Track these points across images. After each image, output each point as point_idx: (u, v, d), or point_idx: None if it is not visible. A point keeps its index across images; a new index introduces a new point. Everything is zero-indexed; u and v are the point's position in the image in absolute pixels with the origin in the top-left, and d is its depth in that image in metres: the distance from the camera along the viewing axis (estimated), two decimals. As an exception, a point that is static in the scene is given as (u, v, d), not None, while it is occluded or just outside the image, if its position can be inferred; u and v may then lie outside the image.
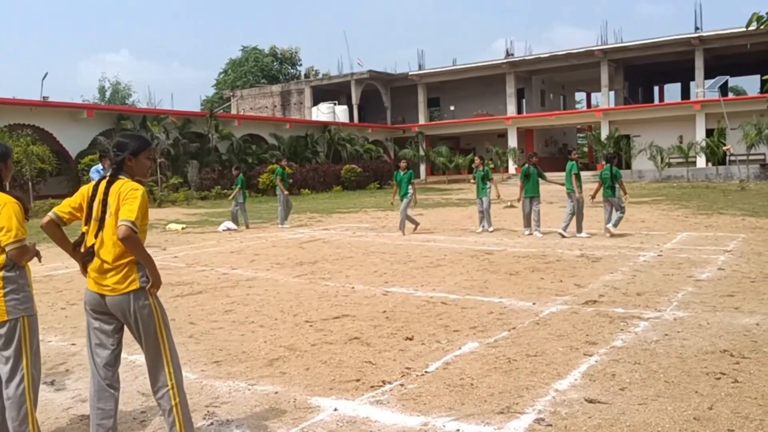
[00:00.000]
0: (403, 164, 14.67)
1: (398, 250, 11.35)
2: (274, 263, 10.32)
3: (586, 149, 45.95)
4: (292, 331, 6.00)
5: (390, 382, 4.46)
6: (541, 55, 42.42)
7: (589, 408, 3.89)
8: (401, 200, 14.25)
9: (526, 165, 13.52)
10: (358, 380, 4.53)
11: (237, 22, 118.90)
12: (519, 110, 45.08)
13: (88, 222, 3.33)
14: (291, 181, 23.77)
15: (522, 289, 7.60)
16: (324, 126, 39.28)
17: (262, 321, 6.42)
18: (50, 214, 3.33)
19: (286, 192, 16.53)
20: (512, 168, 40.87)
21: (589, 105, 55.00)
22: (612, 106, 41.15)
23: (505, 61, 42.95)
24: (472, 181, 15.77)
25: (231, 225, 16.29)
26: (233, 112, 47.31)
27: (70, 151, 26.44)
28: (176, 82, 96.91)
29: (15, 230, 3.28)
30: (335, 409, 4.01)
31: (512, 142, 41.95)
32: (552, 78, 47.53)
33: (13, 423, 3.31)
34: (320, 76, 54.53)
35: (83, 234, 3.35)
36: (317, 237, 14.08)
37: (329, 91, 47.96)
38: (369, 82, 46.28)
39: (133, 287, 3.25)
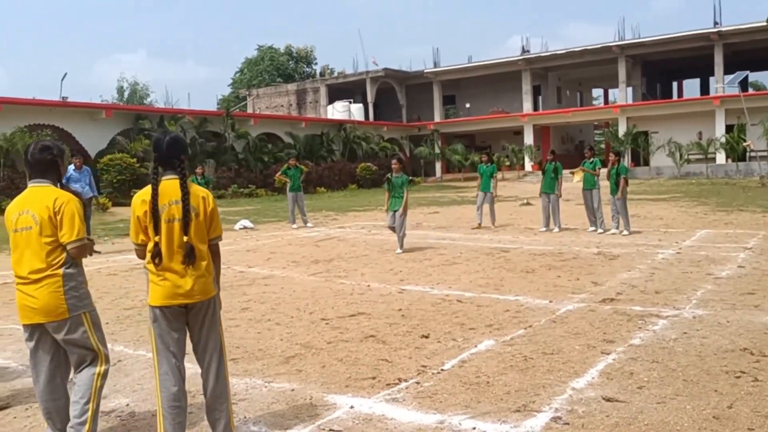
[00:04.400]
0: (484, 158, 14.85)
1: (413, 248, 11.33)
2: (289, 261, 10.36)
3: (603, 146, 45.55)
4: (308, 328, 6.02)
5: (406, 380, 4.46)
6: (558, 52, 42.07)
7: (607, 407, 3.87)
8: (484, 194, 14.34)
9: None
10: (374, 378, 4.54)
11: (252, 22, 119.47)
12: (535, 107, 44.77)
13: (157, 230, 3.30)
14: (304, 178, 23.35)
15: (538, 287, 7.56)
16: (339, 124, 39.30)
17: (278, 319, 6.45)
18: (136, 248, 3.41)
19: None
20: (528, 165, 40.67)
21: (606, 101, 54.47)
22: (630, 102, 40.73)
23: (520, 58, 42.67)
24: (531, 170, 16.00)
25: (247, 223, 16.37)
26: (249, 110, 47.49)
27: (90, 150, 26.66)
28: (193, 81, 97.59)
29: (77, 228, 3.35)
30: (351, 407, 4.02)
31: (528, 139, 41.67)
32: (568, 74, 47.14)
33: (75, 407, 3.34)
34: (335, 74, 54.58)
35: (156, 244, 3.30)
36: (332, 235, 14.11)
37: (344, 89, 47.98)
38: (384, 80, 46.23)
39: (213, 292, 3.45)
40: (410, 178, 12.59)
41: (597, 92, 57.68)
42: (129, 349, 5.47)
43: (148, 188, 3.32)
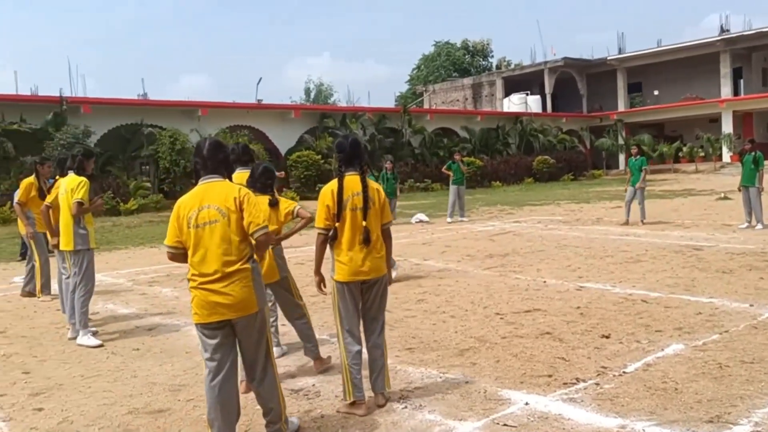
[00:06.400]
0: (634, 150, 14.85)
1: (593, 244, 10.85)
2: (464, 255, 10.42)
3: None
4: (483, 322, 6.03)
5: (584, 380, 4.31)
6: (765, 29, 37.66)
7: (820, 426, 3.43)
8: (634, 189, 13.95)
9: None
10: (550, 376, 4.44)
11: (430, 18, 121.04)
12: (735, 92, 40.53)
13: (340, 217, 3.96)
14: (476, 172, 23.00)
15: (736, 289, 6.88)
16: (515, 117, 38.62)
17: (452, 311, 6.53)
18: (319, 231, 4.06)
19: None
20: (726, 156, 36.96)
21: (825, 82, 47.82)
22: None
23: (719, 38, 38.84)
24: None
25: (423, 217, 16.70)
26: (425, 106, 48.32)
27: (280, 148, 28.89)
28: (372, 80, 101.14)
29: (263, 215, 3.45)
30: (526, 404, 3.97)
31: (726, 127, 37.81)
32: (777, 54, 42.06)
33: (267, 404, 3.51)
34: (512, 66, 53.65)
35: (335, 228, 3.98)
36: (508, 229, 13.94)
37: (521, 81, 46.99)
38: (563, 70, 44.59)
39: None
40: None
41: (813, 72, 50.80)
42: (315, 333, 5.84)
43: (335, 181, 4.00)
